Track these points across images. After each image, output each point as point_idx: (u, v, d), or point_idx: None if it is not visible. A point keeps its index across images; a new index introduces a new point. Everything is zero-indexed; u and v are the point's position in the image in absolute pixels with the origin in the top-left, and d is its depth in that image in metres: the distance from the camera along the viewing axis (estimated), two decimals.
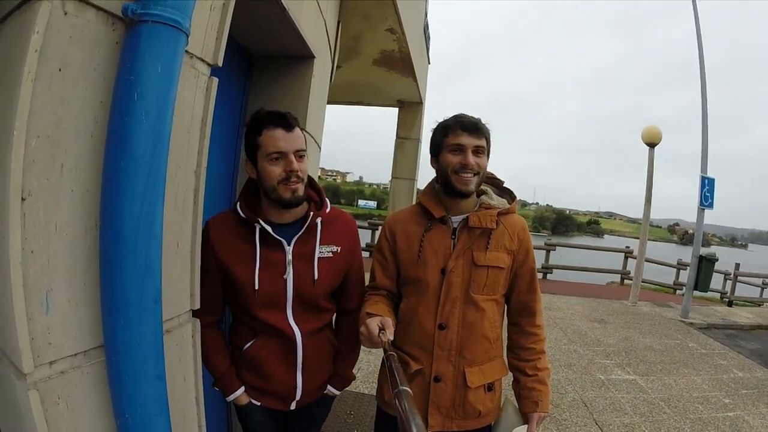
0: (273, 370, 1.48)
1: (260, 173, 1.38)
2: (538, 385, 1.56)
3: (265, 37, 2.09)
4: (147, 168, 0.85)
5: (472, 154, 1.45)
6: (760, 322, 7.81)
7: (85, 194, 0.89)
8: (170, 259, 1.10)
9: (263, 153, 1.35)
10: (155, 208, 0.88)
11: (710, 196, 7.78)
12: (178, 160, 1.10)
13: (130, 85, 0.85)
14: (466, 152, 1.44)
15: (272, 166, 1.35)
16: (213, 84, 1.22)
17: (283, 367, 1.48)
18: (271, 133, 1.34)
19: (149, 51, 0.87)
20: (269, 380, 1.49)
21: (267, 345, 1.47)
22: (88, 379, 0.94)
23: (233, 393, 1.49)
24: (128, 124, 0.84)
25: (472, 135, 1.46)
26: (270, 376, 1.48)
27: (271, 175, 1.35)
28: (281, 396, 1.52)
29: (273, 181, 1.35)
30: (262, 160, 1.36)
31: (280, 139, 1.34)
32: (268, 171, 1.35)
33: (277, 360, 1.48)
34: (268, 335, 1.47)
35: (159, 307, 0.94)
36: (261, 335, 1.47)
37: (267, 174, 1.35)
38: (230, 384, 1.49)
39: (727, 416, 3.92)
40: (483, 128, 1.48)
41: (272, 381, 1.49)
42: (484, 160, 1.48)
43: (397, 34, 4.39)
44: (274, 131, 1.34)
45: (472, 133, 1.46)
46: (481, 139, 1.46)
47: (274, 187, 1.35)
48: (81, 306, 0.90)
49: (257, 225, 1.38)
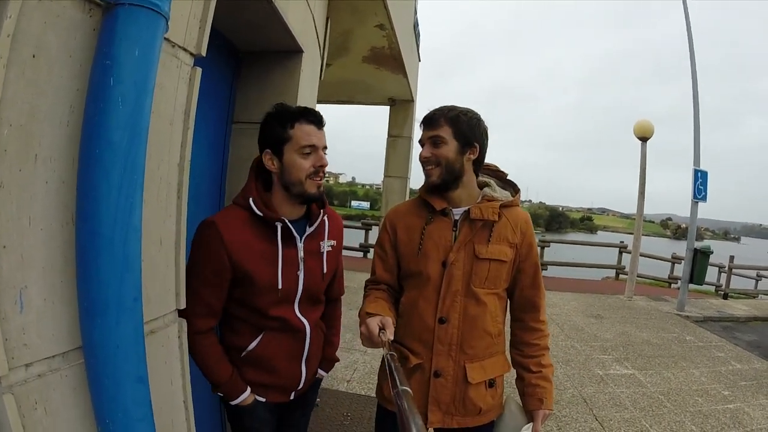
0: (280, 365, 1.49)
1: (287, 166, 1.38)
2: (542, 381, 1.54)
3: (252, 32, 2.05)
4: (123, 157, 0.80)
5: (429, 146, 1.47)
6: (756, 314, 7.85)
7: (60, 186, 0.84)
8: (153, 257, 1.06)
9: (295, 145, 1.36)
10: (133, 199, 0.83)
11: (704, 189, 7.81)
12: (161, 153, 1.05)
13: (106, 71, 0.80)
14: (424, 146, 1.48)
15: (303, 160, 1.37)
16: (196, 74, 1.17)
17: (289, 360, 1.51)
18: (305, 127, 1.37)
19: (126, 35, 0.82)
20: (276, 375, 1.50)
21: (274, 341, 1.47)
22: (67, 382, 0.89)
23: (241, 395, 1.45)
24: (104, 110, 0.79)
25: (427, 128, 1.48)
26: (277, 371, 1.49)
27: (301, 167, 1.37)
28: (285, 388, 1.54)
29: (302, 175, 1.37)
30: (291, 153, 1.37)
31: (313, 134, 1.37)
32: (299, 164, 1.37)
33: (284, 354, 1.49)
34: (274, 331, 1.47)
35: (139, 306, 0.89)
36: (267, 332, 1.46)
37: (296, 167, 1.37)
38: (236, 388, 1.45)
39: (728, 408, 3.92)
40: (440, 117, 1.46)
41: (279, 375, 1.50)
42: (443, 149, 1.46)
43: (387, 30, 4.36)
44: (308, 126, 1.38)
45: (426, 125, 1.49)
46: (437, 129, 1.46)
47: (302, 180, 1.37)
48: (58, 305, 0.85)
49: (279, 223, 1.39)
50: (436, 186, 1.48)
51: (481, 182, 1.56)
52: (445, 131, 1.45)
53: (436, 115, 1.47)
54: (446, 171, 1.46)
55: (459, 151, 1.46)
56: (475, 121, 1.48)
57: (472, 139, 1.47)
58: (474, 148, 1.47)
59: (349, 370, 4.13)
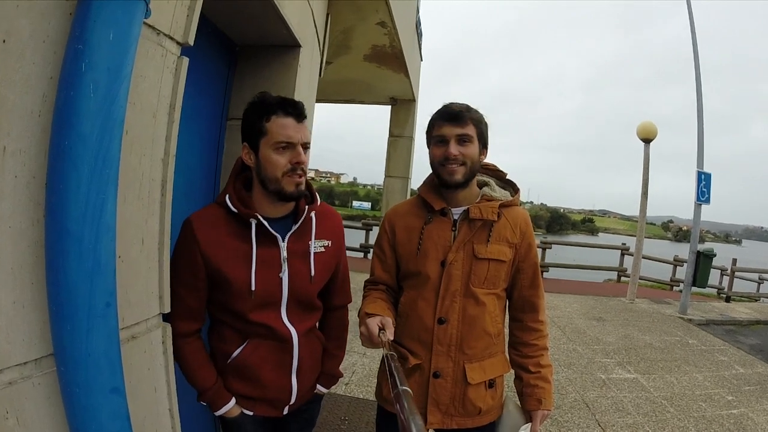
0: (266, 376, 1.38)
1: (262, 162, 1.28)
2: (541, 382, 1.52)
3: (247, 24, 1.99)
4: (95, 148, 0.73)
5: (455, 144, 1.42)
6: (759, 317, 7.77)
7: (31, 181, 0.77)
8: (134, 258, 0.99)
9: (270, 141, 1.26)
10: (105, 195, 0.76)
11: (707, 192, 7.74)
12: (142, 147, 0.98)
13: (78, 56, 0.73)
14: (448, 143, 1.42)
15: (278, 156, 1.26)
16: (183, 64, 1.10)
17: (276, 371, 1.39)
18: (282, 120, 1.25)
19: (100, 16, 0.75)
20: (262, 387, 1.38)
21: (258, 349, 1.36)
22: (40, 390, 0.83)
23: (224, 406, 1.36)
24: (74, 99, 0.72)
25: (453, 124, 1.42)
26: (263, 383, 1.38)
27: (276, 165, 1.26)
28: (275, 402, 1.43)
29: (277, 172, 1.26)
30: (266, 148, 1.27)
31: (290, 128, 1.26)
32: (274, 160, 1.26)
33: (270, 364, 1.38)
34: (259, 338, 1.36)
35: (113, 312, 0.82)
36: (251, 339, 1.36)
37: (271, 164, 1.26)
38: (220, 397, 1.36)
39: (731, 414, 3.85)
40: (467, 115, 1.43)
41: (265, 387, 1.39)
42: (470, 149, 1.43)
43: (389, 28, 4.30)
44: (285, 119, 1.26)
45: (453, 122, 1.42)
46: (465, 127, 1.42)
47: (277, 178, 1.27)
48: (29, 308, 0.79)
49: (253, 220, 1.28)
50: (458, 185, 1.45)
51: (480, 181, 1.56)
52: (471, 130, 1.44)
53: (463, 113, 1.43)
54: (470, 171, 1.45)
55: (479, 152, 1.47)
56: (486, 124, 1.50)
57: (487, 142, 1.49)
58: (486, 151, 1.50)
59: (347, 372, 4.06)
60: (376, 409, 1.67)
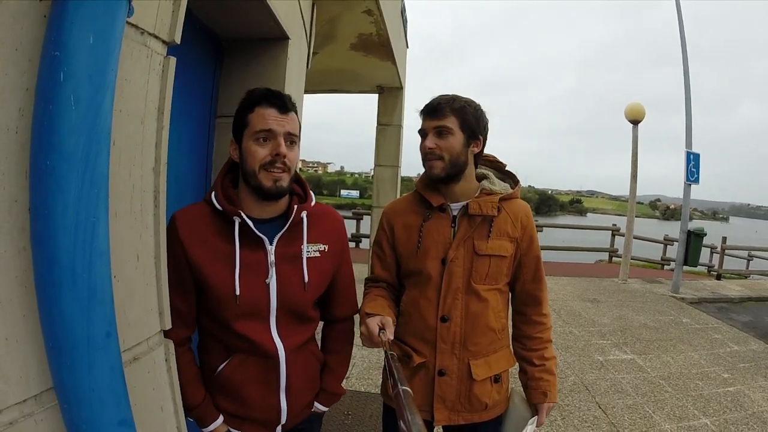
0: (251, 395, 1.27)
1: (243, 154, 1.20)
2: (545, 375, 1.53)
3: (233, 18, 1.90)
4: (81, 168, 0.65)
5: (433, 137, 1.40)
6: (750, 294, 7.90)
7: (13, 205, 0.69)
8: (130, 276, 0.92)
9: (251, 131, 1.18)
10: (96, 219, 0.68)
11: (696, 171, 7.79)
12: (131, 158, 0.91)
13: (54, 63, 0.65)
14: (427, 136, 1.41)
15: (257, 147, 1.17)
16: (170, 64, 1.02)
17: (263, 389, 1.28)
18: (264, 111, 1.18)
19: (78, 19, 0.67)
20: (247, 406, 1.28)
21: (243, 366, 1.26)
22: (44, 426, 0.76)
23: (212, 424, 1.28)
24: (54, 113, 0.64)
25: (431, 117, 1.41)
26: (248, 401, 1.28)
27: (254, 156, 1.17)
28: (264, 422, 1.32)
29: (255, 164, 1.17)
30: (247, 139, 1.19)
31: (271, 118, 1.17)
32: (252, 151, 1.17)
33: (255, 382, 1.27)
34: (244, 354, 1.26)
35: (114, 342, 0.75)
36: (236, 354, 1.26)
37: (250, 154, 1.18)
38: (208, 414, 1.28)
39: (728, 391, 3.90)
40: (446, 107, 1.39)
41: (251, 407, 1.28)
42: (449, 141, 1.39)
43: (375, 16, 4.20)
44: (267, 109, 1.18)
45: (430, 115, 1.41)
46: (443, 119, 1.38)
47: (255, 171, 1.17)
48: (23, 343, 0.72)
49: (236, 219, 1.19)
50: (439, 180, 1.42)
51: (479, 174, 1.52)
52: (452, 122, 1.39)
53: (441, 104, 1.39)
54: (451, 164, 1.40)
55: (465, 144, 1.41)
56: (480, 112, 1.44)
57: (477, 132, 1.43)
58: (478, 141, 1.44)
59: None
60: (382, 405, 1.68)
